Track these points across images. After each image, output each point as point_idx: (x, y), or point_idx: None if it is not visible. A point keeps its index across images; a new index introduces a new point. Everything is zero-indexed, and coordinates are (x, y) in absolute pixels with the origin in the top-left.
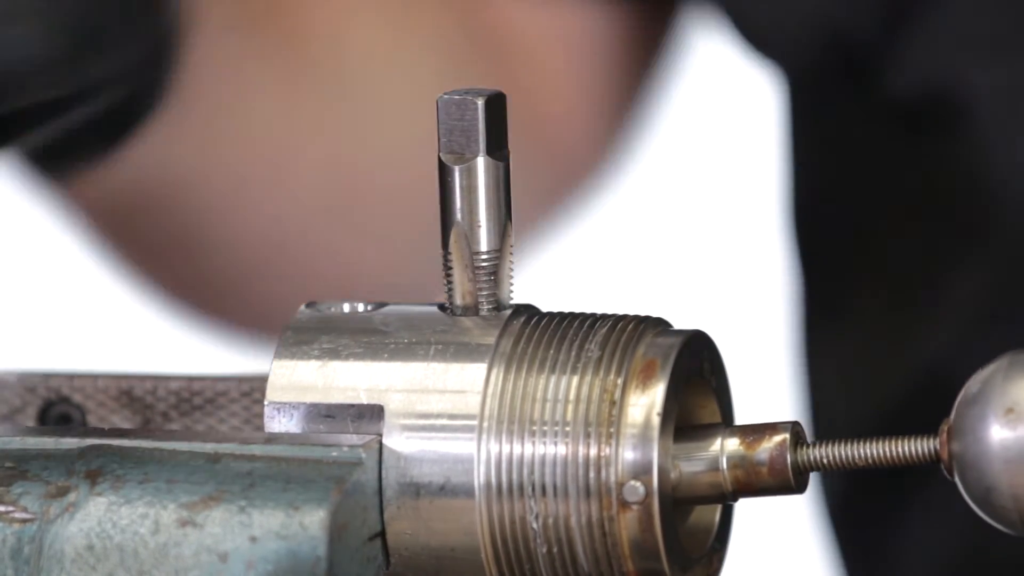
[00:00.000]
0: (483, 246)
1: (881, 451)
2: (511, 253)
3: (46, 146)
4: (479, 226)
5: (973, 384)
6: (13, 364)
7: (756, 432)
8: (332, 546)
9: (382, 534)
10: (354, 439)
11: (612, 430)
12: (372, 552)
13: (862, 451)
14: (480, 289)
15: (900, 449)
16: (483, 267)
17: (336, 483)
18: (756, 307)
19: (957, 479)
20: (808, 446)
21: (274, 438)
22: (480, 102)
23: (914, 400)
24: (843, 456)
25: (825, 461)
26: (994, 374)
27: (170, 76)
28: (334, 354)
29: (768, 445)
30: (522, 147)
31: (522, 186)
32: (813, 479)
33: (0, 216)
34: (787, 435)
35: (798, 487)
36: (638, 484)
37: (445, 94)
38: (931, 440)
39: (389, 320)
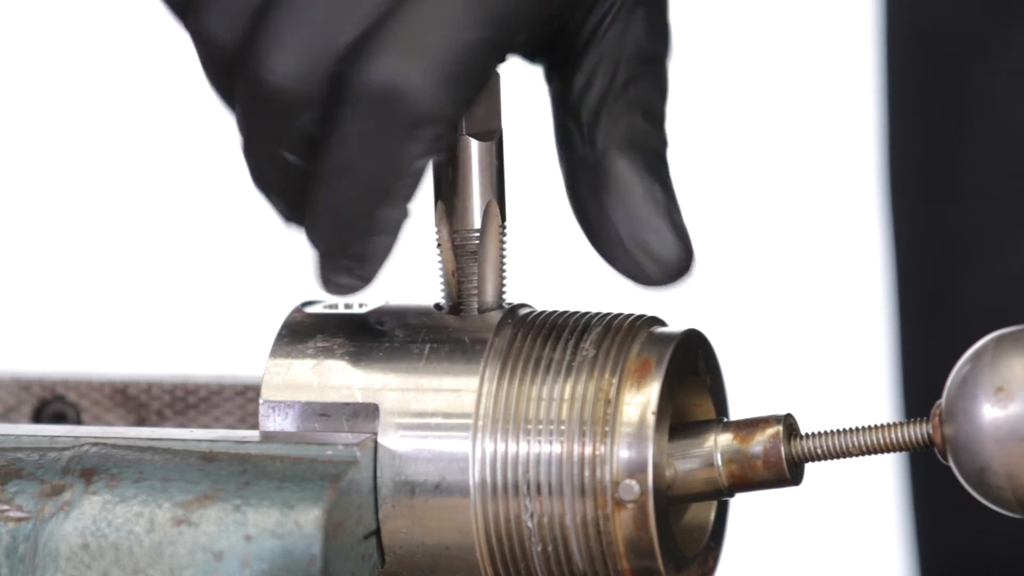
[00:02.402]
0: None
1: (875, 438)
2: (504, 250)
3: None
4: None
5: (962, 366)
6: (8, 363)
7: (749, 426)
8: (327, 544)
9: (377, 532)
10: (349, 438)
11: (607, 429)
12: (367, 550)
13: (856, 439)
14: (475, 287)
15: (894, 435)
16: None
17: (331, 482)
18: (757, 306)
19: (951, 462)
20: (802, 437)
21: (269, 437)
22: (499, 75)
23: None
24: (837, 445)
25: (820, 451)
26: (982, 354)
27: None
28: (329, 353)
29: (762, 438)
30: None
31: None
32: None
33: None
34: (780, 427)
35: (793, 479)
36: (633, 482)
37: None
38: (924, 424)
39: (384, 319)
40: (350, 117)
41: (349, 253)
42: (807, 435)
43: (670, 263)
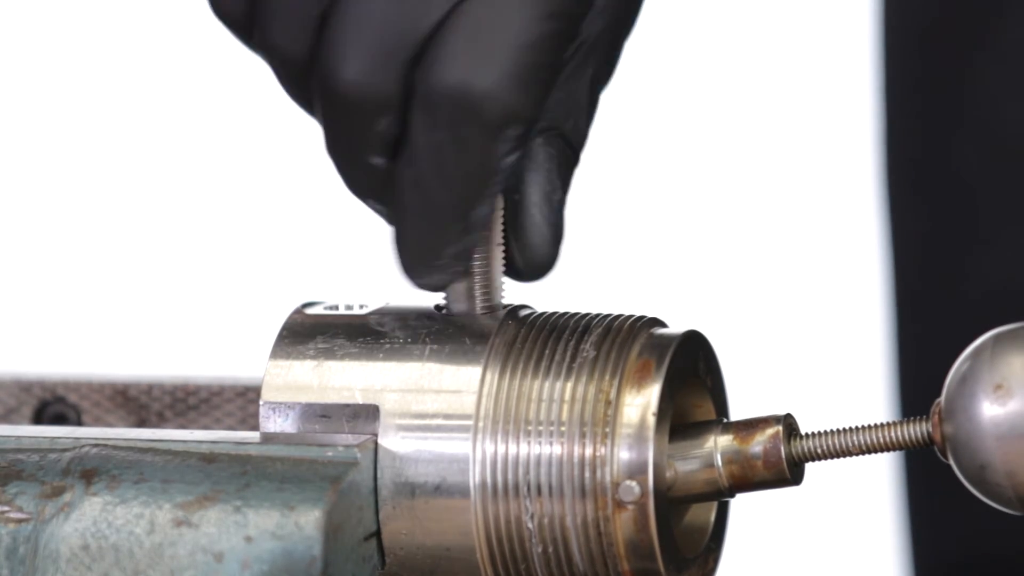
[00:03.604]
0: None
1: (875, 437)
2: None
3: None
4: None
5: (961, 364)
6: (9, 364)
7: (749, 427)
8: (327, 546)
9: (377, 534)
10: (349, 439)
11: (607, 430)
12: (367, 552)
13: (856, 439)
14: (475, 288)
15: (894, 434)
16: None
17: (331, 483)
18: (756, 306)
19: (951, 460)
20: (802, 437)
21: (269, 438)
22: None
23: None
24: (837, 445)
25: (819, 451)
26: (981, 352)
27: None
28: (329, 354)
29: (761, 438)
30: None
31: None
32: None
33: None
34: (780, 427)
35: (794, 479)
36: (633, 484)
37: None
38: (923, 423)
39: (384, 320)
40: (432, 123)
41: (446, 253)
42: (807, 435)
43: (537, 257)
